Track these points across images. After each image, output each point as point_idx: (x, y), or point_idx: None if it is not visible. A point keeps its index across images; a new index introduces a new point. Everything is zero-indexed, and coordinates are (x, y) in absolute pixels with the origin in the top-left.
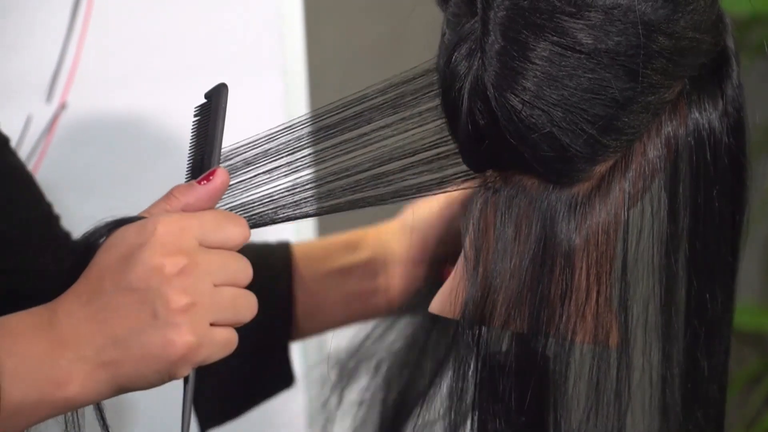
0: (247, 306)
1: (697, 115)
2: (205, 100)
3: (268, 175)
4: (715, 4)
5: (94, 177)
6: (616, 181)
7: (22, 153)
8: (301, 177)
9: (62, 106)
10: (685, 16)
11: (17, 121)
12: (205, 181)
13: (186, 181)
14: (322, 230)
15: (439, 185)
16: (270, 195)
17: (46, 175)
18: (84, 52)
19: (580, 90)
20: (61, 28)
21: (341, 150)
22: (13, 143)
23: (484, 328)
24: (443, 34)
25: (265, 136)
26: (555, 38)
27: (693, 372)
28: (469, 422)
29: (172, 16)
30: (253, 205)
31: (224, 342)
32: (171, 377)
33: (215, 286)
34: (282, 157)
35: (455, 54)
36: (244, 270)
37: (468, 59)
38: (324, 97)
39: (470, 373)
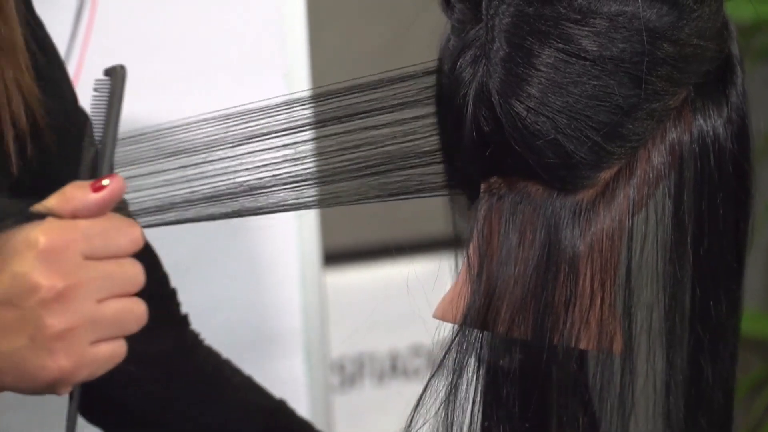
0: (134, 318)
1: (701, 122)
2: (104, 77)
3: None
4: (720, 11)
5: None
6: (620, 187)
7: None
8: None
9: None
10: (689, 23)
11: None
12: (97, 189)
13: (79, 169)
14: (324, 225)
15: (443, 188)
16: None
17: None
18: (87, 56)
19: (585, 97)
20: (65, 33)
21: (340, 143)
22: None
23: (487, 334)
24: (447, 40)
25: (244, 112)
26: (560, 45)
27: (697, 378)
28: (471, 427)
29: (174, 19)
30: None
31: (108, 357)
32: (53, 393)
33: (99, 302)
34: (260, 140)
35: (460, 60)
36: (133, 278)
37: (473, 66)
38: None
39: (473, 379)
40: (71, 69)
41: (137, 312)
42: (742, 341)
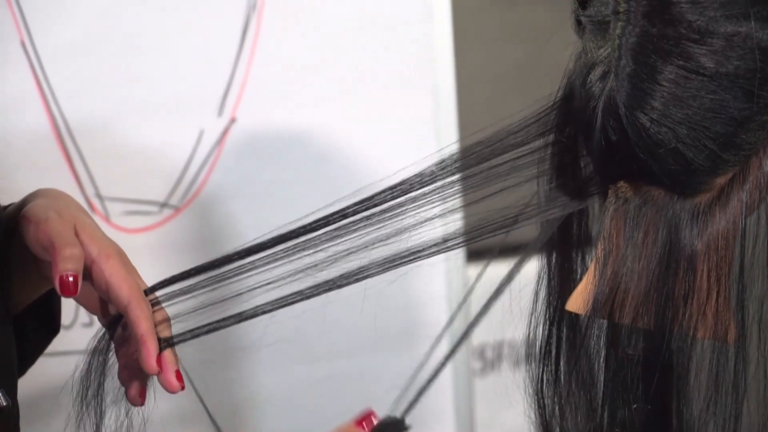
0: None
1: None
2: None
3: None
4: None
5: (260, 185)
6: (734, 192)
7: (195, 164)
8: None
9: (232, 120)
10: None
11: (191, 134)
12: None
13: None
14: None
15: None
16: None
17: (217, 183)
18: (252, 71)
19: (703, 110)
20: (232, 50)
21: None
22: (186, 154)
23: (614, 324)
24: (579, 58)
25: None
26: (681, 62)
27: None
28: (600, 408)
29: (332, 41)
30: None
31: None
32: None
33: None
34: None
35: (590, 76)
36: None
37: (602, 81)
38: (472, 112)
39: (602, 365)
40: (237, 85)
41: None
42: None
